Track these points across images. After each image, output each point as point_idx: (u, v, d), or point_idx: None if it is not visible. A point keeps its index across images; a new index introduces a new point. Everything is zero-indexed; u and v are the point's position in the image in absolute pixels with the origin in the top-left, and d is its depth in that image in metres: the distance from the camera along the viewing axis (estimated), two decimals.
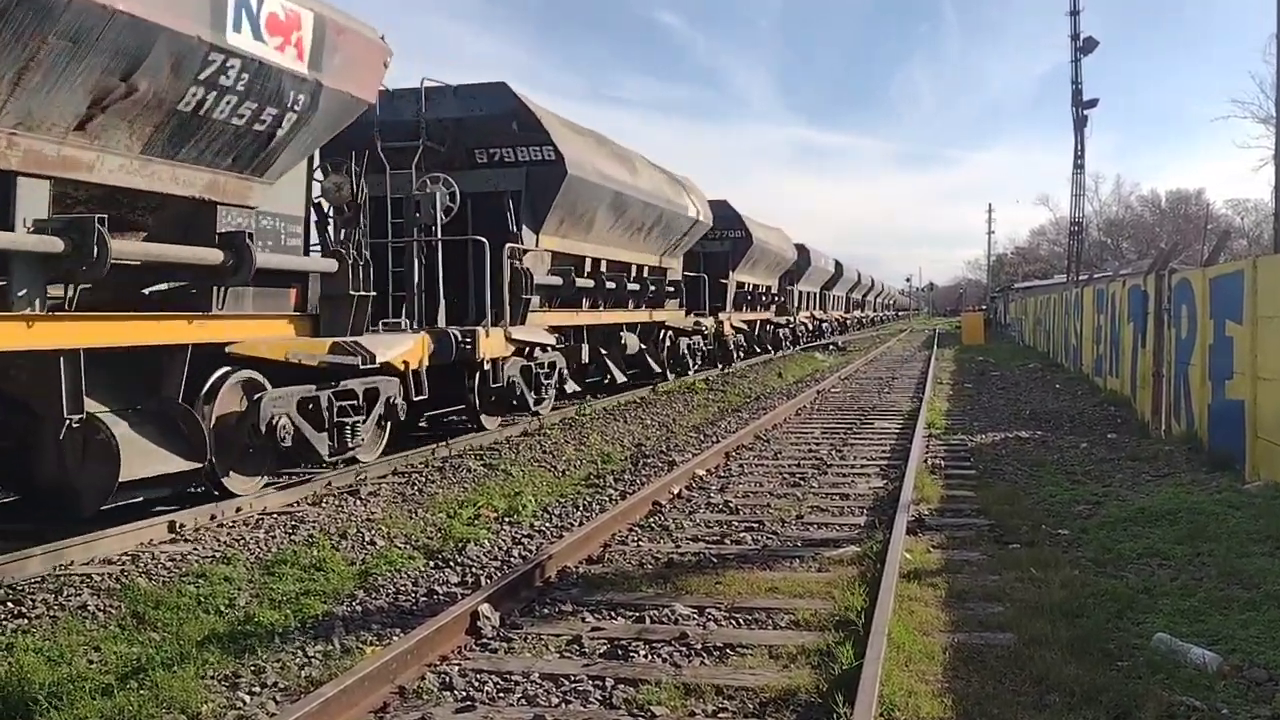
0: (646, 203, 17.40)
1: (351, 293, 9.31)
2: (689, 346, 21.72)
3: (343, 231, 10.04)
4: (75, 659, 4.95)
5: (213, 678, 4.70)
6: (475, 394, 12.35)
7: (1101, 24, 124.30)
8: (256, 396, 8.32)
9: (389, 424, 10.29)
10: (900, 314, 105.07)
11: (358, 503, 8.69)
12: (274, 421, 8.33)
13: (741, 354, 27.64)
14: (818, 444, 12.37)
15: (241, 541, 7.35)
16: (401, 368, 10.19)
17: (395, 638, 5.15)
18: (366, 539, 7.40)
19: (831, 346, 39.35)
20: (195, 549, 7.13)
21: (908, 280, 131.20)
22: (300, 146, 8.71)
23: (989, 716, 4.17)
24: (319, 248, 10.24)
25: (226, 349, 8.16)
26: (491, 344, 12.00)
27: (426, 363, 10.70)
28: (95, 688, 4.54)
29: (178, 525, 7.60)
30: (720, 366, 24.71)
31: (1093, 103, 42.92)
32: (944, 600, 5.79)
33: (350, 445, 9.36)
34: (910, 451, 10.80)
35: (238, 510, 8.21)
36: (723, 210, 24.90)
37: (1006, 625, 5.30)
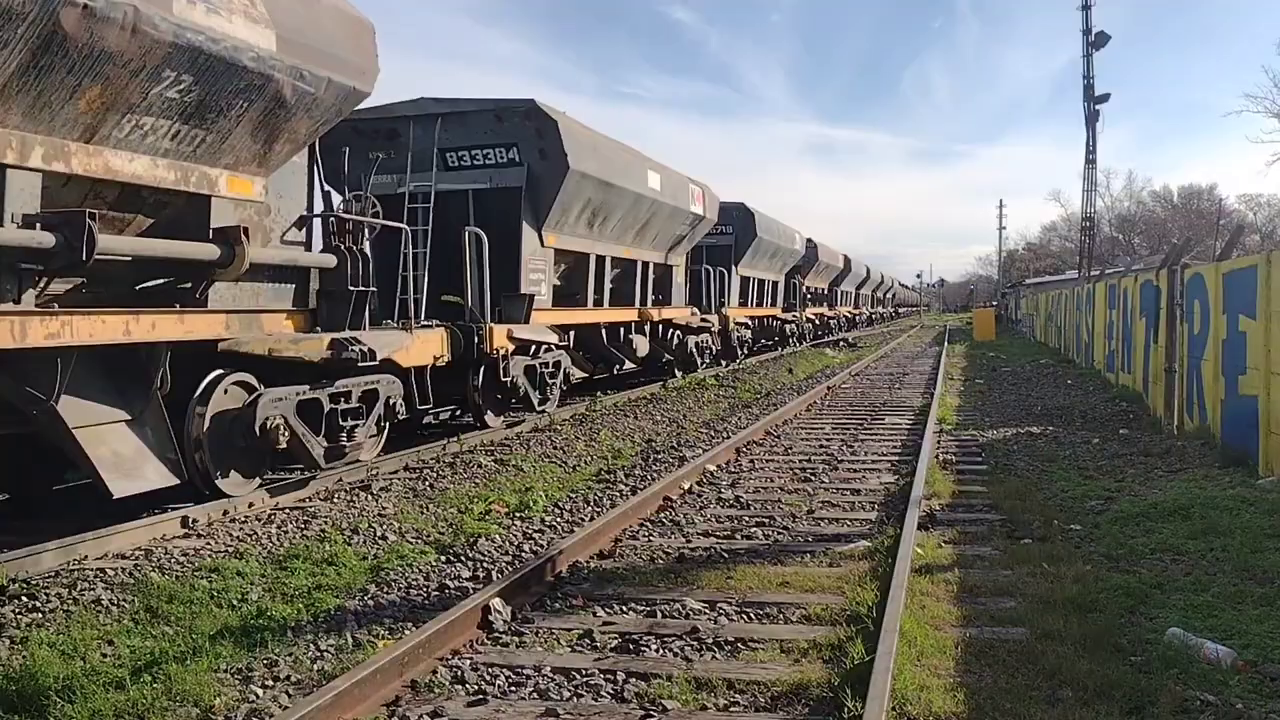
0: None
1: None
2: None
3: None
4: (89, 652, 4.97)
5: (225, 671, 4.72)
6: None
7: (1115, 18, 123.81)
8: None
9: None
10: (900, 311, 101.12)
11: (369, 498, 8.72)
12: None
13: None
14: (828, 439, 12.35)
15: (254, 536, 7.38)
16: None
17: (407, 631, 5.17)
18: (378, 534, 7.42)
19: (842, 343, 39.38)
20: (208, 544, 7.16)
21: (918, 276, 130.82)
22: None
23: (1001, 711, 4.16)
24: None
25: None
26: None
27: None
28: (108, 681, 4.56)
29: (190, 520, 7.63)
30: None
31: (1104, 98, 42.75)
32: (956, 595, 5.78)
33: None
34: (921, 447, 10.78)
35: (250, 505, 8.24)
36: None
37: (1019, 620, 5.29)
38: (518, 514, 8.15)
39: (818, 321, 40.10)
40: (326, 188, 9.72)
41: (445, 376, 11.27)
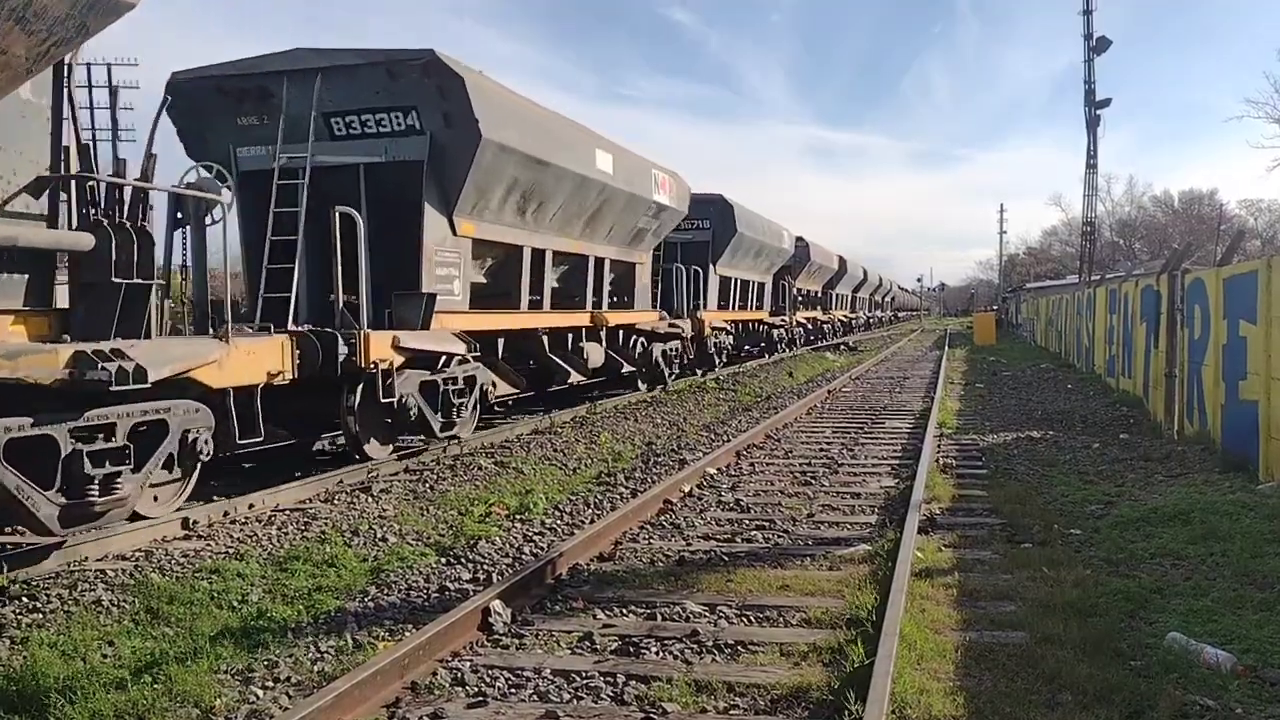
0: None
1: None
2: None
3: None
4: (89, 653, 4.97)
5: (226, 672, 4.72)
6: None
7: (1115, 19, 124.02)
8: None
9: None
10: (899, 315, 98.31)
11: (369, 500, 8.73)
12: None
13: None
14: (829, 443, 12.35)
15: (254, 538, 7.39)
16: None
17: (407, 633, 5.17)
18: (378, 536, 7.42)
19: (843, 347, 39.28)
20: (208, 545, 7.17)
21: (919, 280, 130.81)
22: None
23: (1001, 715, 4.16)
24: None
25: None
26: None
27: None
28: (109, 682, 4.56)
29: (191, 522, 7.64)
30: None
31: (1105, 102, 42.85)
32: (956, 599, 5.78)
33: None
34: (922, 451, 10.78)
35: (250, 507, 8.25)
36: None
37: (1019, 624, 5.29)
38: (518, 516, 8.15)
39: (810, 326, 38.14)
40: (78, 139, 7.11)
41: (317, 397, 9.50)
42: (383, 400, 9.71)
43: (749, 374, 23.96)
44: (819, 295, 41.22)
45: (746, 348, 28.39)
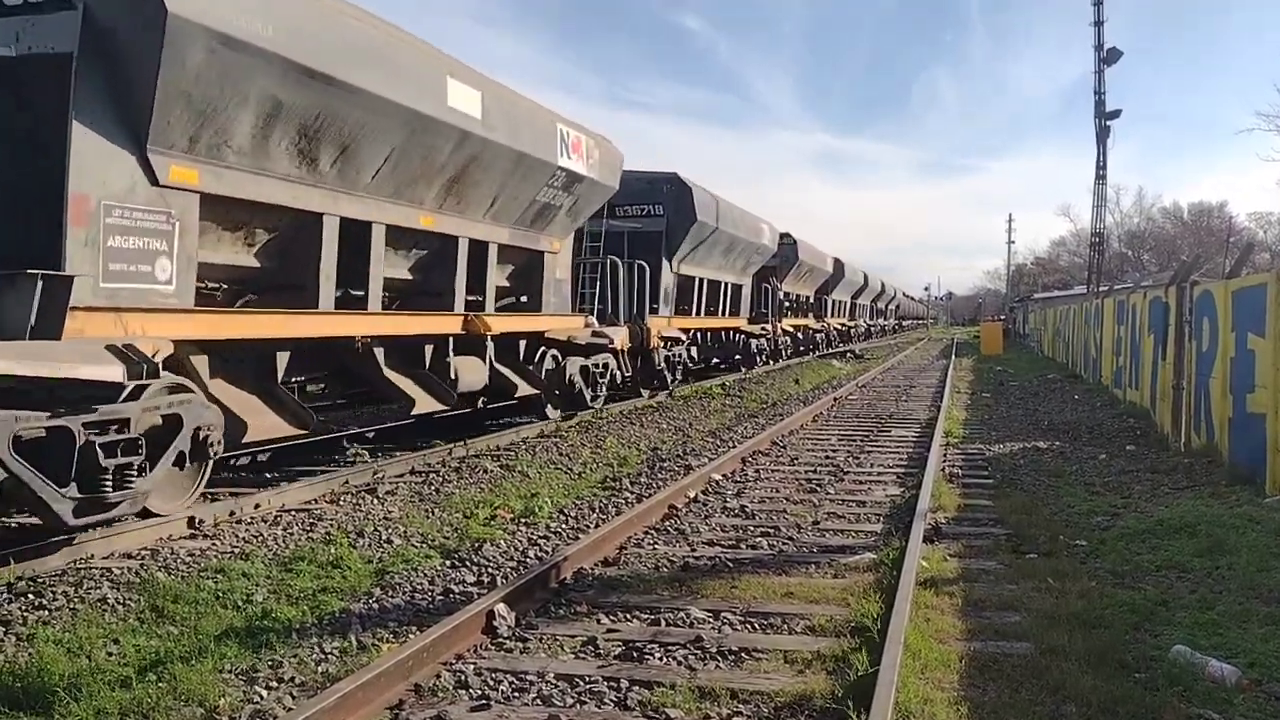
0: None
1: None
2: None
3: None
4: (94, 651, 4.99)
5: (230, 672, 4.73)
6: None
7: (1126, 32, 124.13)
8: None
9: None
10: (904, 324, 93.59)
11: (375, 501, 8.74)
12: None
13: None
14: (834, 450, 12.34)
15: (260, 538, 7.41)
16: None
17: (412, 635, 5.18)
18: (383, 537, 7.43)
19: (849, 355, 39.20)
20: (214, 545, 7.18)
21: (926, 289, 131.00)
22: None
23: None
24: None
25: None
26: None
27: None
28: (114, 679, 4.57)
29: (197, 521, 7.66)
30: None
31: (1116, 114, 42.87)
32: (961, 608, 5.77)
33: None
34: (927, 460, 10.76)
35: (256, 507, 8.27)
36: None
37: (1023, 635, 5.28)
38: (523, 520, 8.16)
39: (799, 336, 33.63)
40: None
41: None
42: None
43: (755, 380, 23.96)
44: (810, 301, 37.74)
45: (715, 361, 25.17)
